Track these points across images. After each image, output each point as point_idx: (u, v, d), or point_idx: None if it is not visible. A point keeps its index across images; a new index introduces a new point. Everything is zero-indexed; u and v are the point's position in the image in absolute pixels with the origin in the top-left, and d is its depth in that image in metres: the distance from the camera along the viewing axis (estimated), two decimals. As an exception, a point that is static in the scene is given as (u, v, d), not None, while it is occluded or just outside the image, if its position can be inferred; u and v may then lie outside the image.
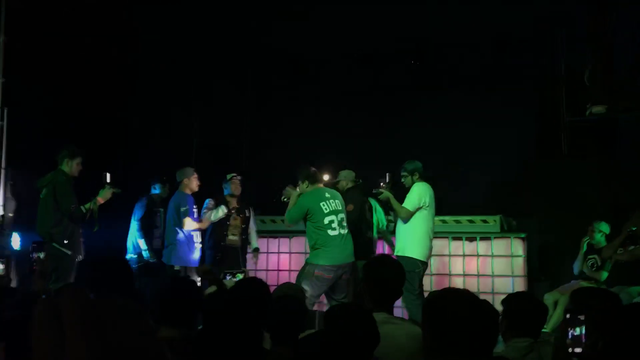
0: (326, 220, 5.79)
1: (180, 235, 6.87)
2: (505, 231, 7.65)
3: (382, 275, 3.14)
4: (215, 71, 10.54)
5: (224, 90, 10.67)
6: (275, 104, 10.94)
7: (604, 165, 8.34)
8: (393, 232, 6.67)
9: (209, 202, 7.23)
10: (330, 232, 5.78)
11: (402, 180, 6.43)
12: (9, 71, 7.01)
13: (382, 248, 7.76)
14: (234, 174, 7.29)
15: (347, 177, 7.01)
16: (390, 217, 6.76)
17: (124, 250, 7.49)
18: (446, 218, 7.87)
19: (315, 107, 10.69)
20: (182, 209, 6.82)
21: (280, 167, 10.69)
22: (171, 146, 10.03)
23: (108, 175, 6.22)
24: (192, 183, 7.05)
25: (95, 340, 1.13)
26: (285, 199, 6.36)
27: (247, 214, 7.29)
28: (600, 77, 5.34)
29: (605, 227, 7.04)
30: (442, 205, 7.99)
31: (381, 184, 6.40)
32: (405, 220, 6.20)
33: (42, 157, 6.96)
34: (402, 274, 3.26)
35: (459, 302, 2.14)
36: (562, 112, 9.06)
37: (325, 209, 5.82)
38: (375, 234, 7.17)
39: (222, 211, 6.92)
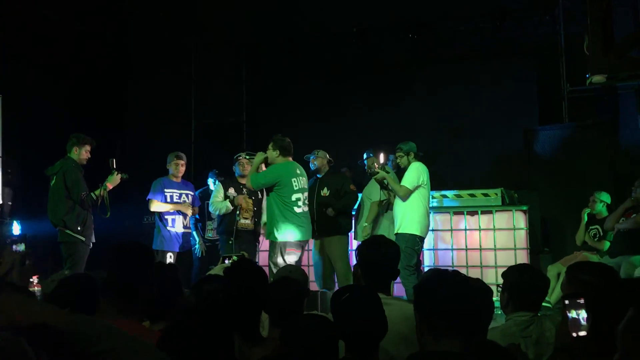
0: (294, 197, 5.78)
1: (156, 218, 6.83)
2: (507, 204, 7.62)
3: (376, 257, 3.12)
4: (211, 52, 10.47)
5: (220, 70, 10.61)
6: (271, 82, 10.88)
7: (605, 135, 8.29)
8: (387, 210, 6.71)
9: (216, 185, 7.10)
10: (296, 210, 5.80)
11: (398, 160, 6.51)
12: (3, 58, 6.95)
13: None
14: (240, 154, 6.96)
15: (325, 156, 6.84)
16: (384, 197, 6.75)
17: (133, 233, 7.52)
18: (447, 193, 7.85)
19: (312, 84, 10.63)
20: (151, 191, 6.76)
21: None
22: (171, 129, 10.01)
23: (114, 160, 6.26)
24: (173, 168, 6.87)
25: None
26: (247, 157, 6.52)
27: (260, 196, 6.88)
28: (600, 46, 5.25)
29: (606, 197, 7.02)
30: (443, 180, 7.99)
31: (375, 164, 6.49)
32: (405, 198, 6.26)
33: (39, 144, 6.94)
34: (396, 254, 3.25)
35: (446, 284, 2.13)
36: (562, 83, 9.00)
37: (296, 185, 5.81)
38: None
39: (226, 208, 6.65)
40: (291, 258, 5.73)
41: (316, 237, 6.60)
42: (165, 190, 6.77)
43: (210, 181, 7.70)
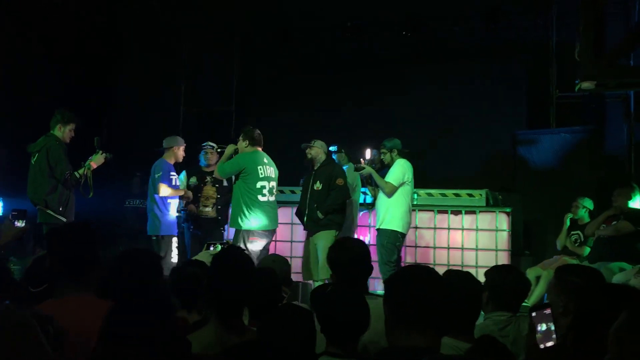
0: (259, 185, 5.85)
1: (158, 203, 6.64)
2: (491, 205, 7.67)
3: (343, 260, 3.16)
4: (203, 40, 10.41)
5: (212, 58, 10.55)
6: (263, 73, 10.85)
7: (591, 141, 8.37)
8: (371, 206, 6.75)
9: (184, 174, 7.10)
10: (261, 198, 5.85)
11: (382, 157, 6.53)
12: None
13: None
14: (207, 143, 7.06)
15: (322, 147, 6.70)
16: (367, 191, 6.80)
17: (115, 216, 7.44)
18: (432, 191, 7.88)
19: (304, 76, 10.62)
20: (157, 175, 6.59)
21: (268, 136, 10.65)
22: (159, 115, 9.95)
23: (98, 139, 6.07)
24: (179, 153, 6.81)
25: None
26: (218, 150, 6.63)
27: (225, 183, 6.91)
28: (591, 53, 5.30)
29: (589, 203, 7.10)
30: (429, 178, 8.03)
31: (361, 159, 6.51)
32: (390, 195, 6.31)
33: (26, 121, 6.83)
34: (363, 252, 3.26)
35: (414, 280, 2.13)
36: (551, 88, 9.05)
37: (261, 173, 5.88)
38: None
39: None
40: (255, 246, 5.77)
41: (307, 231, 6.60)
42: (170, 174, 6.67)
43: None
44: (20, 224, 3.76)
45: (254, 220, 5.81)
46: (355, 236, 7.12)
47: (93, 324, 2.27)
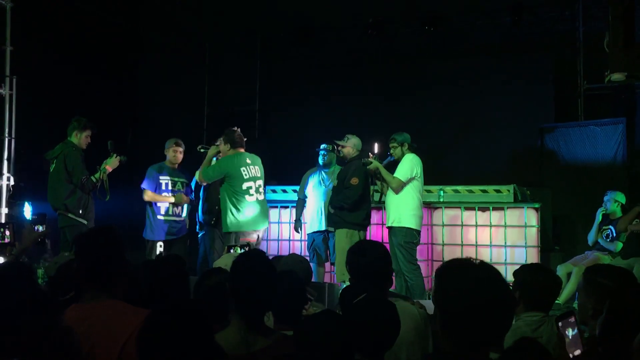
0: (244, 186, 5.85)
1: (147, 207, 6.61)
2: (519, 201, 7.54)
3: (362, 264, 3.08)
4: (225, 39, 10.43)
5: (234, 58, 10.57)
6: (285, 72, 10.84)
7: (621, 134, 8.20)
8: (379, 203, 6.60)
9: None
10: (248, 198, 5.86)
11: (391, 151, 6.34)
12: (17, 39, 6.92)
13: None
14: (200, 146, 6.72)
15: (355, 146, 6.62)
16: (377, 188, 6.64)
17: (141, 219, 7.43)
18: (459, 188, 7.78)
19: (326, 74, 10.58)
20: (145, 180, 6.56)
21: (292, 134, 10.68)
22: (182, 116, 10.00)
23: (112, 143, 6.13)
24: (170, 155, 6.64)
25: None
26: (201, 150, 6.49)
27: None
28: (621, 44, 5.18)
29: (621, 197, 6.94)
30: (455, 174, 7.93)
31: (370, 154, 6.35)
32: (397, 190, 6.13)
33: (51, 126, 6.90)
34: (384, 258, 3.18)
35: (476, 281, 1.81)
36: (579, 80, 8.90)
37: (245, 174, 5.87)
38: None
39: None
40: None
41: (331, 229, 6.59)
42: (161, 177, 6.55)
43: None
44: (40, 228, 3.80)
45: (243, 221, 5.84)
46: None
47: (120, 330, 2.26)
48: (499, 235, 7.49)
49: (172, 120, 9.67)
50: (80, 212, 5.95)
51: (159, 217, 6.57)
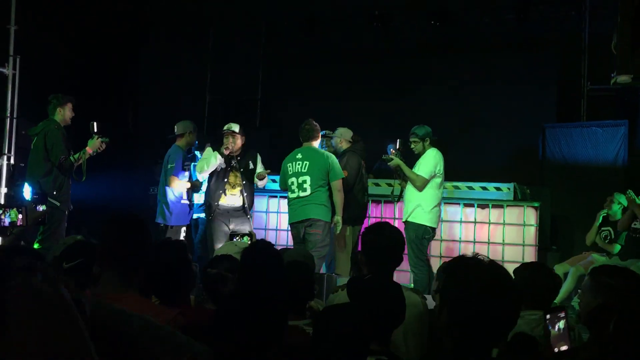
0: (288, 182, 5.93)
1: (167, 192, 6.48)
2: (519, 199, 7.55)
3: (379, 244, 3.06)
4: (229, 27, 10.38)
5: (238, 46, 10.52)
6: (289, 61, 10.79)
7: (623, 136, 8.20)
8: (399, 198, 6.51)
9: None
10: (290, 195, 5.94)
11: (412, 146, 6.12)
12: (21, 19, 6.87)
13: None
14: (231, 125, 6.35)
15: (343, 135, 6.52)
16: (393, 183, 6.57)
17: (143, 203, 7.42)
18: (459, 184, 7.77)
19: (330, 65, 10.54)
20: (170, 166, 6.43)
21: (293, 124, 10.60)
22: (184, 102, 9.96)
23: (95, 124, 5.93)
24: (191, 139, 6.62)
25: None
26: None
27: (252, 166, 6.37)
28: (629, 46, 5.16)
29: (624, 199, 6.94)
30: (455, 171, 7.91)
31: (391, 150, 6.22)
32: (421, 188, 5.97)
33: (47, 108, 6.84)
34: (400, 241, 3.18)
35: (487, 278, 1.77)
36: (582, 81, 8.89)
37: (290, 170, 5.92)
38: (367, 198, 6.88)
39: (214, 158, 6.15)
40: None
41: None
42: (185, 164, 6.54)
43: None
44: (41, 208, 3.80)
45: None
46: None
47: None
48: (497, 232, 7.50)
49: (173, 106, 9.63)
50: (54, 193, 5.79)
51: (183, 201, 6.54)
